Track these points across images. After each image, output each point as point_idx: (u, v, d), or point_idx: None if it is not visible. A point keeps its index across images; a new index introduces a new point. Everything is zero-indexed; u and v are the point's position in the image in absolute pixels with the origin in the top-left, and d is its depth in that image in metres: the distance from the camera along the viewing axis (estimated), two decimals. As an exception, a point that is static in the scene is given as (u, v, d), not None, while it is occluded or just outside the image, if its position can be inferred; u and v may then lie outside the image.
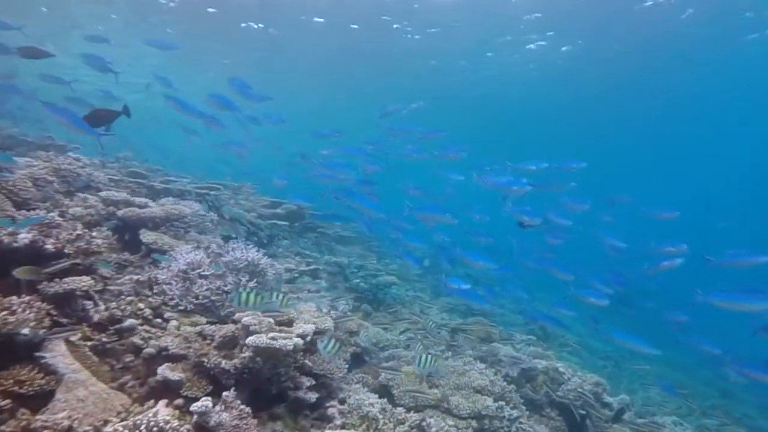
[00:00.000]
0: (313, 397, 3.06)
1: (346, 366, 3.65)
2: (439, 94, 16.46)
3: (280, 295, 3.02)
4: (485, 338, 6.41)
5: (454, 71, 15.57)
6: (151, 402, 2.56)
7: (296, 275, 6.02)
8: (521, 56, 13.97)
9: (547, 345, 7.68)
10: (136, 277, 3.81)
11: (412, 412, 3.44)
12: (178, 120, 8.08)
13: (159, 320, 3.31)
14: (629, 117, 18.07)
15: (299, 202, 7.80)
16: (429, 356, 3.38)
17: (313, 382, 3.26)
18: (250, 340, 2.61)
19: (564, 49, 13.37)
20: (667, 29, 11.45)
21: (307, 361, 3.41)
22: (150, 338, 3.05)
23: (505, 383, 4.45)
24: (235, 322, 3.12)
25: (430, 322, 5.73)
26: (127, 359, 2.90)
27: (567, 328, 5.67)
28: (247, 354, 2.65)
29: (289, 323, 3.60)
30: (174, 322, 3.18)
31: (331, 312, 4.85)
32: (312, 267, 6.82)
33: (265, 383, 2.90)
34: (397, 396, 3.96)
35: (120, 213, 4.43)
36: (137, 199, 4.79)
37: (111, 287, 3.55)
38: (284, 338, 2.69)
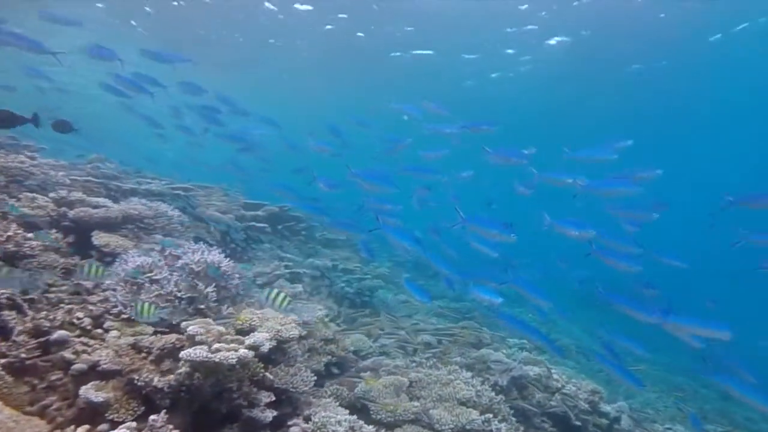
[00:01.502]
0: (270, 415, 2.70)
1: (314, 378, 3.28)
2: (431, 89, 16.16)
3: (90, 266, 2.65)
4: (475, 344, 6.06)
5: (447, 63, 15.22)
6: (72, 428, 2.19)
7: (272, 279, 5.65)
8: (512, 46, 13.64)
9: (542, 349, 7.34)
10: (84, 284, 3.46)
11: (384, 430, 3.08)
12: (144, 111, 7.70)
13: (100, 331, 2.95)
14: (629, 113, 17.62)
15: (307, 211, 7.28)
16: (279, 292, 3.09)
17: (273, 398, 2.90)
18: (184, 353, 2.25)
19: (558, 40, 13.01)
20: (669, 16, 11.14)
21: (267, 374, 3.06)
22: (84, 352, 2.68)
23: (493, 393, 4.10)
24: (181, 331, 2.75)
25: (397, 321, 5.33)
26: (54, 377, 2.53)
27: (642, 386, 4.75)
28: (183, 369, 2.29)
29: (250, 331, 3.25)
30: (114, 333, 2.82)
31: (305, 317, 4.50)
32: (292, 270, 6.47)
33: (213, 401, 2.54)
34: (373, 410, 3.61)
35: (71, 213, 4.06)
36: (93, 199, 4.42)
37: (51, 295, 3.19)
38: (229, 350, 2.33)
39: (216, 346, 2.38)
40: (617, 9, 10.97)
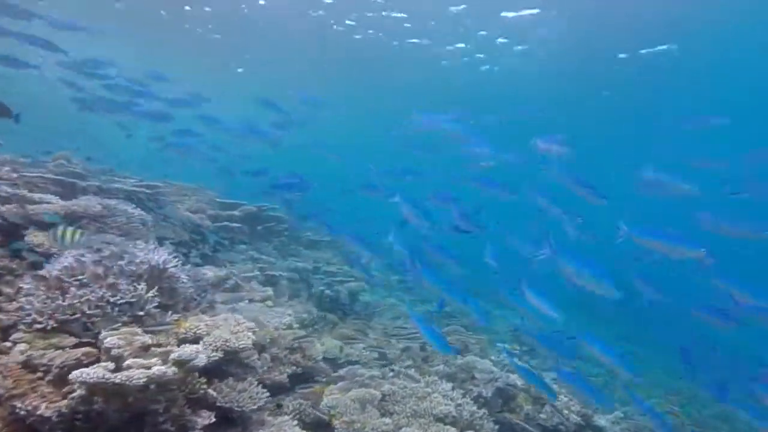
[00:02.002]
0: (204, 442, 2.29)
1: (266, 394, 2.88)
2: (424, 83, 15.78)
3: None
4: (461, 349, 5.67)
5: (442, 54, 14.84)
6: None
7: (239, 282, 5.24)
8: (505, 34, 13.24)
9: (533, 354, 6.94)
10: (5, 289, 3.05)
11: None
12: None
13: (9, 344, 2.53)
14: (627, 106, 17.07)
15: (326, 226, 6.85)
16: (66, 227, 2.99)
17: (213, 420, 2.49)
18: (74, 374, 1.84)
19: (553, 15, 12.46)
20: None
21: (210, 391, 2.65)
22: (-19, 369, 2.26)
23: (475, 407, 3.70)
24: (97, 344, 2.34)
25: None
26: (-63, 401, 2.11)
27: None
28: (78, 393, 1.88)
29: (195, 340, 2.85)
30: (22, 346, 2.39)
31: (271, 323, 4.11)
32: (266, 272, 6.06)
33: (129, 427, 2.13)
34: (338, 429, 3.21)
35: (3, 210, 3.64)
36: (36, 196, 4.01)
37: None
38: (140, 367, 1.92)
39: (128, 362, 1.97)
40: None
